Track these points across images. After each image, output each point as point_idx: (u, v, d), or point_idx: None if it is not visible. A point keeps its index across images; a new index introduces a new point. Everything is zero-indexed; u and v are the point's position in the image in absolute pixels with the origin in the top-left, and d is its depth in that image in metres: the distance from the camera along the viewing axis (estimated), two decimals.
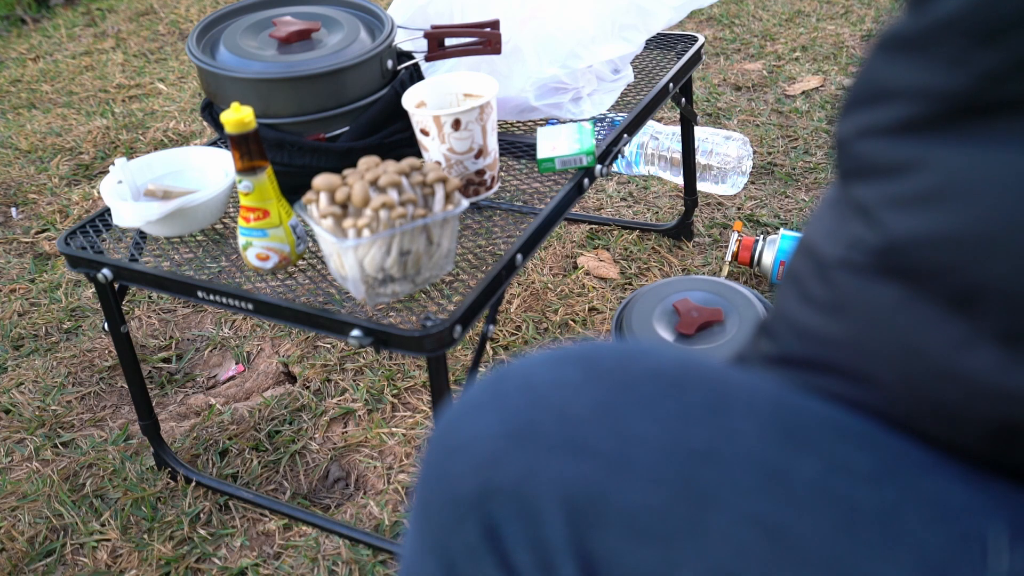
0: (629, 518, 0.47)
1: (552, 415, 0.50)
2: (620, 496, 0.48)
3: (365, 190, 0.93)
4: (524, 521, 0.49)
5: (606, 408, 0.50)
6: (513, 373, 0.53)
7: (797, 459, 0.48)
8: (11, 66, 3.01)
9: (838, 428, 0.50)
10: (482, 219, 1.15)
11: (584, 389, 0.51)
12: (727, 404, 0.50)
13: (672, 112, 2.24)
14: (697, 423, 0.49)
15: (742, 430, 0.49)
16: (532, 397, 0.51)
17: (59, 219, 2.09)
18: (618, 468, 0.48)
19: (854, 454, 0.49)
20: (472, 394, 0.54)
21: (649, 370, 0.52)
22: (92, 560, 1.26)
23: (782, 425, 0.50)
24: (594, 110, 1.33)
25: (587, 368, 0.52)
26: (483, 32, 1.22)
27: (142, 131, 2.44)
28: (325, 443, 1.43)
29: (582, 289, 1.70)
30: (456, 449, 0.52)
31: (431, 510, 0.53)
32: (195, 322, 1.74)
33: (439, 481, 0.52)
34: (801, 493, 0.47)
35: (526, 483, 0.49)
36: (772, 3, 2.93)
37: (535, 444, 0.49)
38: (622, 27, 1.33)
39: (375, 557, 1.23)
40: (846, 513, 0.47)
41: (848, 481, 0.48)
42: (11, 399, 1.57)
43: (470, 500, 0.50)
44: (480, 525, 0.50)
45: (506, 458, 0.50)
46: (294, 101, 1.13)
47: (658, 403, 0.50)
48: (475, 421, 0.52)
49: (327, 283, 1.06)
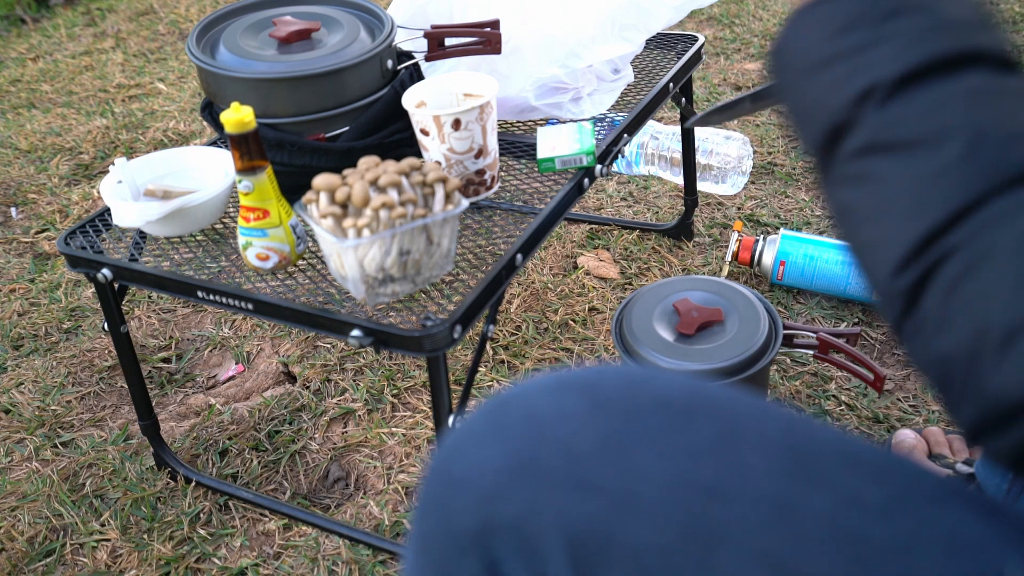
0: (635, 557, 0.46)
1: (556, 449, 0.49)
2: (626, 535, 0.46)
3: (365, 190, 0.93)
4: (526, 559, 0.48)
5: (611, 442, 0.49)
6: (515, 402, 0.52)
7: (807, 493, 0.47)
8: (11, 66, 3.01)
9: (848, 457, 0.49)
10: (482, 219, 1.15)
11: (589, 421, 0.50)
12: (736, 436, 0.49)
13: (672, 112, 2.24)
14: (705, 457, 0.48)
15: (751, 464, 0.48)
16: (535, 429, 0.50)
17: (59, 219, 2.09)
18: (624, 506, 0.47)
19: (865, 486, 0.48)
20: (473, 424, 0.53)
21: (656, 400, 0.51)
22: (92, 560, 1.26)
23: (792, 457, 0.48)
24: (594, 110, 1.33)
25: (592, 398, 0.51)
26: (483, 32, 1.22)
27: (142, 131, 2.44)
28: (325, 443, 1.43)
29: (582, 289, 1.70)
30: (457, 482, 0.51)
31: (430, 543, 0.52)
32: (195, 322, 1.74)
33: (439, 514, 0.51)
34: (811, 529, 0.46)
35: (529, 520, 0.48)
36: (772, 3, 2.93)
37: (538, 479, 0.48)
38: (622, 27, 1.33)
39: (375, 557, 1.23)
40: (858, 549, 0.45)
41: (859, 515, 0.46)
42: (11, 399, 1.57)
43: (471, 535, 0.49)
44: (481, 561, 0.49)
45: (509, 493, 0.48)
46: (294, 101, 1.13)
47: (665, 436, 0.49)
48: (476, 453, 0.51)
49: (327, 283, 1.06)
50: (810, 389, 1.44)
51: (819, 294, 1.63)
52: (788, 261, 1.61)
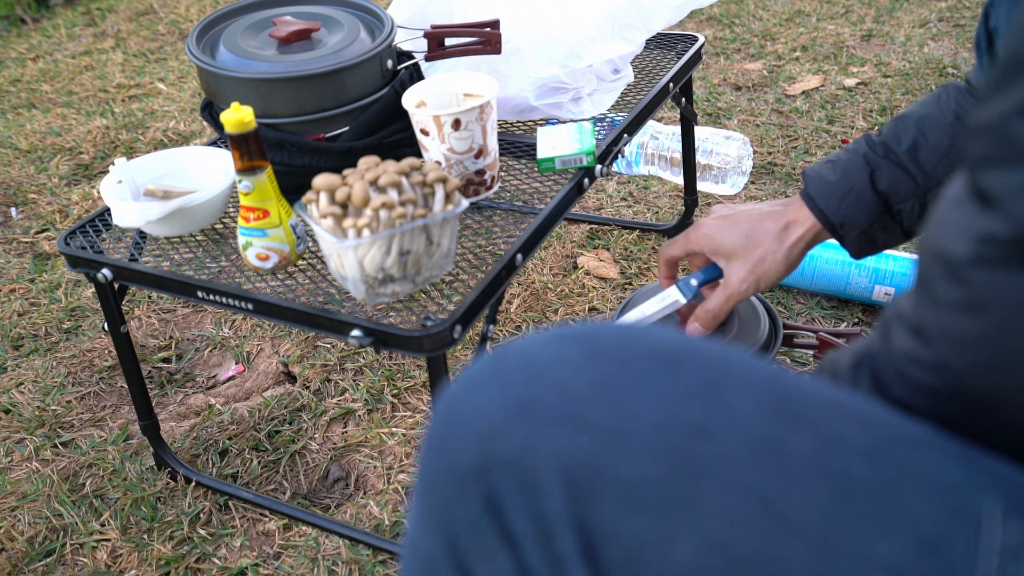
0: (626, 489, 0.48)
1: (552, 390, 0.51)
2: (618, 468, 0.48)
3: (365, 190, 0.93)
4: (524, 492, 0.50)
5: (605, 384, 0.51)
6: (514, 351, 0.54)
7: (792, 434, 0.49)
8: (11, 66, 3.01)
9: (834, 405, 0.51)
10: (482, 219, 1.15)
11: (584, 366, 0.52)
12: (724, 382, 0.51)
13: (672, 112, 2.24)
14: (694, 399, 0.50)
15: (738, 406, 0.50)
16: (533, 373, 0.52)
17: (59, 219, 2.09)
18: (616, 441, 0.49)
19: (849, 430, 0.50)
20: (474, 371, 0.55)
21: (648, 348, 0.53)
22: (92, 560, 1.26)
23: (778, 402, 0.50)
24: (594, 110, 1.33)
25: (587, 346, 0.53)
26: (483, 32, 1.22)
27: (142, 131, 2.44)
28: (325, 443, 1.43)
29: (582, 289, 1.70)
30: (458, 423, 0.53)
31: (433, 484, 0.54)
32: (195, 322, 1.74)
33: (441, 454, 0.53)
34: (795, 467, 0.48)
35: (526, 455, 0.50)
36: (772, 3, 2.93)
37: (535, 418, 0.50)
38: (622, 27, 1.33)
39: (375, 557, 1.23)
40: (840, 487, 0.47)
41: (843, 456, 0.48)
42: (11, 399, 1.57)
43: (471, 472, 0.51)
44: (481, 497, 0.51)
45: (507, 431, 0.50)
46: (294, 101, 1.13)
47: (656, 380, 0.51)
48: (477, 396, 0.53)
49: (327, 283, 1.06)
50: None
51: (819, 294, 1.63)
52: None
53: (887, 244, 1.02)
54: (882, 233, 1.01)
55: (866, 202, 0.99)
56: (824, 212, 1.00)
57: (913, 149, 0.97)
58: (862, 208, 0.99)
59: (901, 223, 1.00)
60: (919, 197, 0.98)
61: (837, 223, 1.00)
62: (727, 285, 1.04)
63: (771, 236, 1.02)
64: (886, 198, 0.99)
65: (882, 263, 1.55)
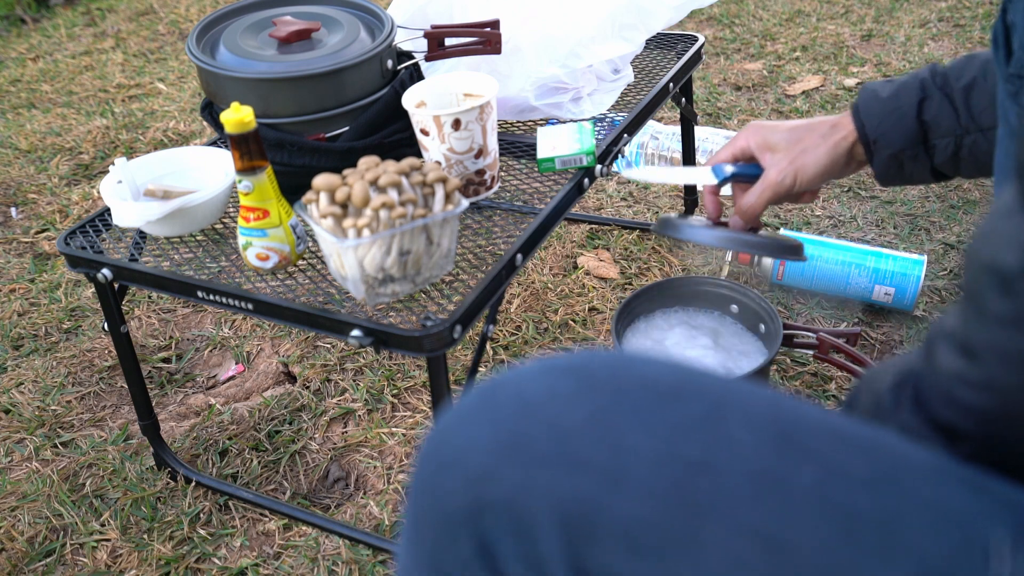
0: (624, 531, 0.47)
1: (544, 427, 0.49)
2: (614, 509, 0.47)
3: (365, 190, 0.93)
4: (518, 536, 0.48)
5: (599, 419, 0.49)
6: (504, 385, 0.53)
7: (794, 467, 0.47)
8: (11, 66, 3.01)
9: (836, 434, 0.50)
10: (482, 219, 1.15)
11: (577, 400, 0.50)
12: (723, 413, 0.49)
13: (672, 112, 2.24)
14: (692, 433, 0.48)
15: (738, 439, 0.48)
16: (524, 409, 0.50)
17: (59, 219, 2.09)
18: (612, 481, 0.47)
19: (852, 460, 0.48)
20: (463, 406, 0.53)
21: (643, 380, 0.51)
22: (92, 560, 1.26)
23: (779, 432, 0.49)
24: (594, 110, 1.33)
25: (580, 379, 0.51)
26: (483, 32, 1.22)
27: (142, 131, 2.44)
28: (325, 443, 1.43)
29: (582, 289, 1.70)
30: (447, 464, 0.51)
31: (423, 526, 0.53)
32: (195, 322, 1.74)
33: (430, 497, 0.52)
34: (798, 501, 0.46)
35: (519, 498, 0.48)
36: (772, 3, 2.93)
37: (528, 458, 0.49)
38: (622, 27, 1.33)
39: (375, 557, 1.23)
40: (845, 520, 0.46)
41: (846, 488, 0.47)
42: (11, 399, 1.57)
43: (462, 516, 0.50)
44: (473, 541, 0.49)
45: (498, 472, 0.49)
46: (294, 101, 1.13)
47: (652, 413, 0.49)
48: (466, 434, 0.51)
49: (327, 283, 1.06)
50: (810, 389, 1.44)
51: (819, 294, 1.63)
52: (788, 261, 1.61)
53: (912, 177, 1.01)
54: (911, 163, 0.99)
55: (906, 126, 0.97)
56: (864, 124, 0.98)
57: (969, 87, 0.95)
58: (900, 131, 0.97)
59: (932, 158, 0.98)
60: (956, 137, 0.96)
61: (872, 138, 0.98)
62: (765, 177, 1.03)
63: (816, 133, 1.01)
64: (926, 128, 0.97)
65: (882, 263, 1.55)
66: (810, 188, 1.03)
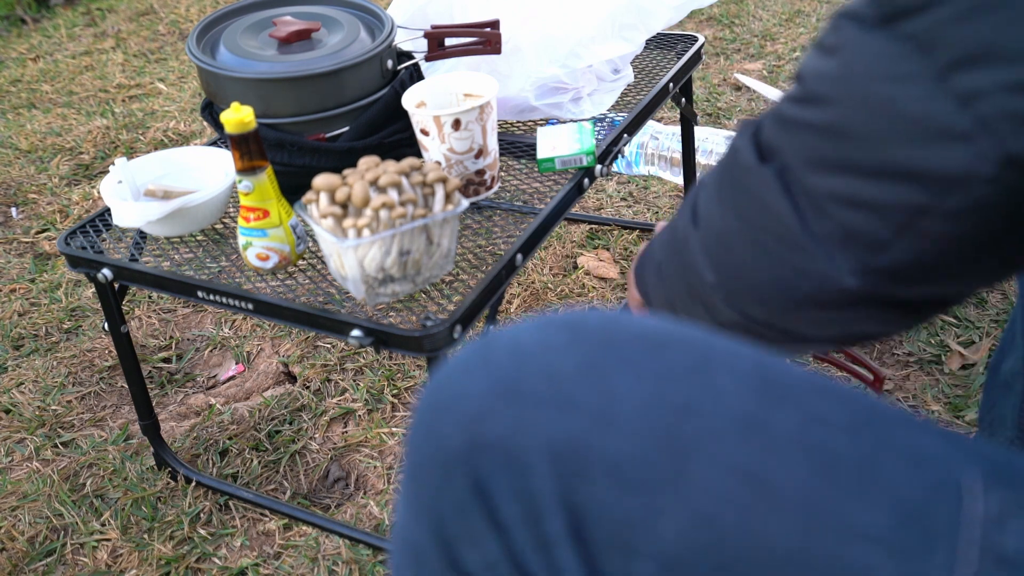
0: (613, 468, 0.49)
1: (539, 373, 0.52)
2: (604, 448, 0.49)
3: (365, 190, 0.93)
4: (512, 474, 0.50)
5: (591, 366, 0.51)
6: (501, 337, 0.55)
7: (776, 411, 0.50)
8: (11, 66, 3.01)
9: (816, 385, 0.52)
10: (482, 219, 1.15)
11: (570, 350, 0.52)
12: (708, 363, 0.52)
13: (672, 112, 2.24)
14: (679, 380, 0.51)
15: (723, 386, 0.50)
16: (519, 358, 0.53)
17: (59, 219, 2.09)
18: (602, 422, 0.49)
19: (832, 407, 0.51)
20: (460, 357, 0.55)
21: (633, 332, 0.53)
22: (92, 560, 1.26)
23: (762, 381, 0.51)
24: (594, 110, 1.33)
25: (573, 331, 0.54)
26: (483, 32, 1.22)
27: (142, 131, 2.44)
28: (325, 443, 1.43)
29: (582, 289, 1.70)
30: (444, 408, 0.53)
31: (420, 470, 0.54)
32: (195, 322, 1.74)
33: (427, 440, 0.54)
34: (780, 442, 0.49)
35: (513, 437, 0.50)
36: (772, 3, 2.93)
37: (522, 400, 0.51)
38: (622, 27, 1.33)
39: (375, 557, 1.23)
40: (824, 460, 0.48)
41: (826, 431, 0.49)
42: (11, 399, 1.57)
43: (458, 456, 0.51)
44: (468, 480, 0.51)
45: (493, 414, 0.51)
46: (294, 101, 1.13)
47: (641, 361, 0.51)
48: (463, 380, 0.53)
49: (327, 283, 1.06)
50: None
51: None
52: None
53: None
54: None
55: None
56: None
57: None
58: None
59: None
60: None
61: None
62: None
63: None
64: None
65: None
66: None
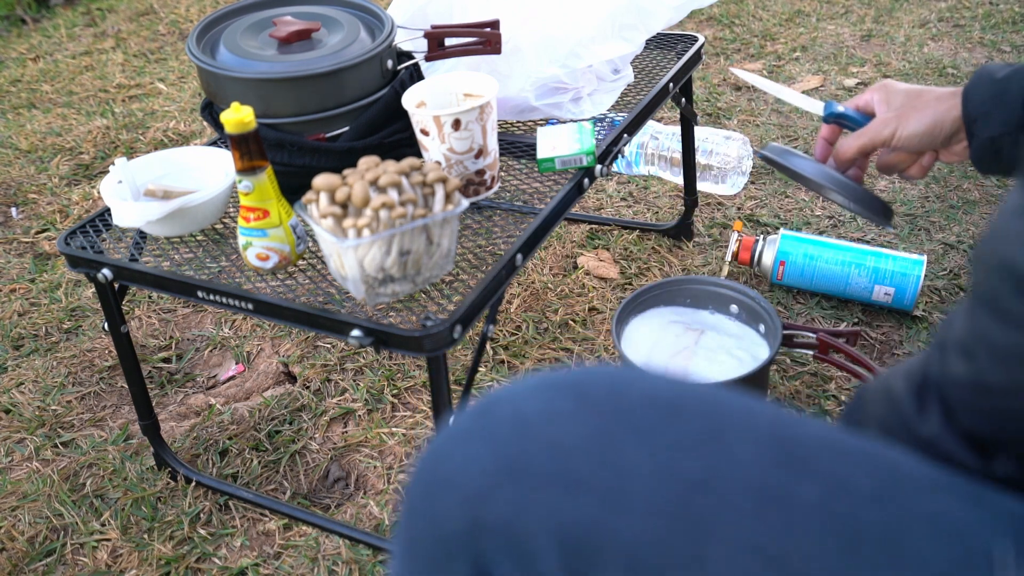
0: (626, 553, 0.46)
1: (543, 447, 0.48)
2: (616, 530, 0.46)
3: (365, 190, 0.93)
4: (517, 560, 0.47)
5: (598, 438, 0.48)
6: (501, 402, 0.51)
7: (796, 482, 0.47)
8: (11, 66, 3.01)
9: (837, 448, 0.49)
10: (482, 219, 1.15)
11: (576, 419, 0.49)
12: (723, 430, 0.49)
13: (672, 112, 2.24)
14: (693, 451, 0.48)
15: (739, 456, 0.47)
16: (522, 428, 0.49)
17: (59, 219, 2.09)
18: (612, 501, 0.46)
19: (854, 474, 0.48)
20: (459, 424, 0.52)
21: (642, 397, 0.50)
22: (92, 560, 1.26)
23: (780, 448, 0.48)
24: (594, 110, 1.33)
25: (578, 397, 0.50)
26: (483, 32, 1.22)
27: (142, 131, 2.44)
28: (325, 443, 1.43)
29: (582, 289, 1.70)
30: (443, 483, 0.50)
31: (417, 546, 0.51)
32: (195, 322, 1.74)
33: (425, 518, 0.51)
34: (802, 517, 0.46)
35: (518, 520, 0.47)
36: (772, 3, 2.93)
37: (526, 478, 0.48)
38: (622, 27, 1.33)
39: (375, 557, 1.23)
40: (849, 535, 0.45)
41: (849, 502, 0.46)
42: (11, 399, 1.57)
43: (459, 538, 0.48)
44: (470, 565, 0.48)
45: (496, 493, 0.48)
46: (294, 101, 1.13)
47: (652, 432, 0.48)
48: (463, 453, 0.50)
49: (327, 283, 1.06)
50: (810, 389, 1.44)
51: (819, 294, 1.63)
52: (788, 261, 1.61)
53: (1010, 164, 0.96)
54: (1010, 148, 0.95)
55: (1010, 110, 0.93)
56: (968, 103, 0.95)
57: None
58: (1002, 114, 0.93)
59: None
60: None
61: (972, 118, 0.95)
62: (868, 124, 1.03)
63: (932, 96, 1.00)
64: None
65: (882, 263, 1.55)
66: (907, 147, 1.00)
